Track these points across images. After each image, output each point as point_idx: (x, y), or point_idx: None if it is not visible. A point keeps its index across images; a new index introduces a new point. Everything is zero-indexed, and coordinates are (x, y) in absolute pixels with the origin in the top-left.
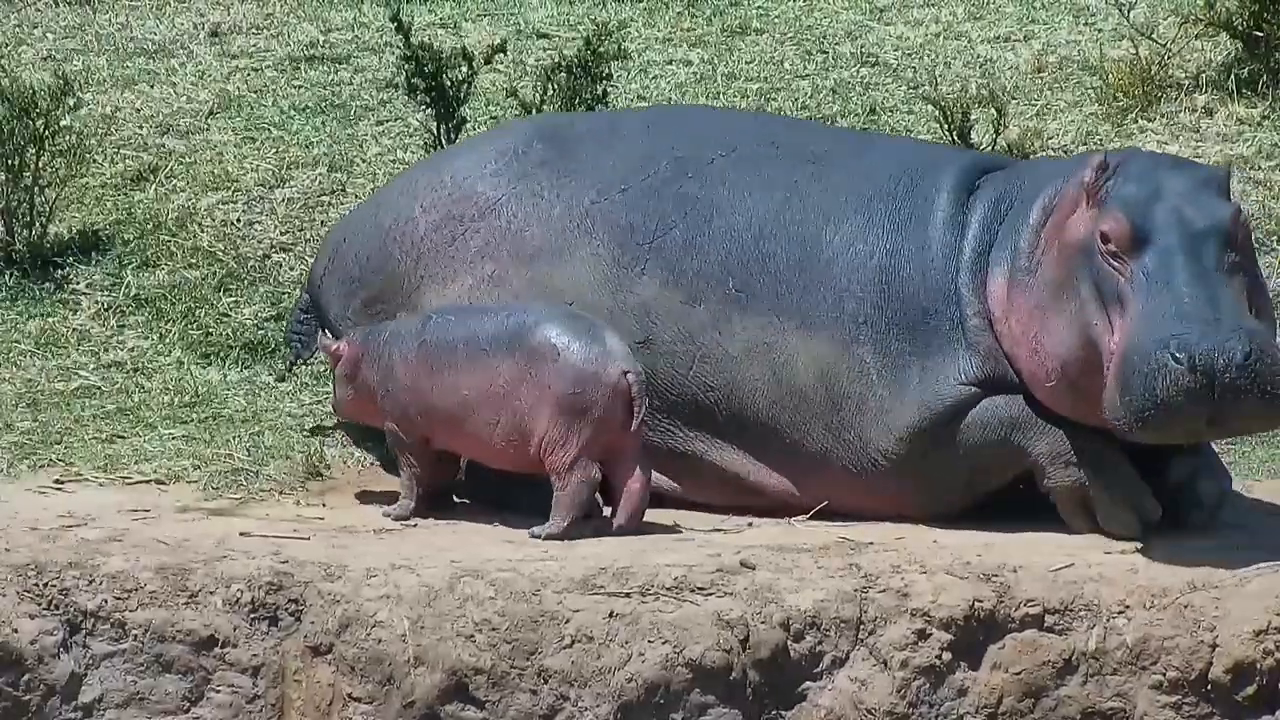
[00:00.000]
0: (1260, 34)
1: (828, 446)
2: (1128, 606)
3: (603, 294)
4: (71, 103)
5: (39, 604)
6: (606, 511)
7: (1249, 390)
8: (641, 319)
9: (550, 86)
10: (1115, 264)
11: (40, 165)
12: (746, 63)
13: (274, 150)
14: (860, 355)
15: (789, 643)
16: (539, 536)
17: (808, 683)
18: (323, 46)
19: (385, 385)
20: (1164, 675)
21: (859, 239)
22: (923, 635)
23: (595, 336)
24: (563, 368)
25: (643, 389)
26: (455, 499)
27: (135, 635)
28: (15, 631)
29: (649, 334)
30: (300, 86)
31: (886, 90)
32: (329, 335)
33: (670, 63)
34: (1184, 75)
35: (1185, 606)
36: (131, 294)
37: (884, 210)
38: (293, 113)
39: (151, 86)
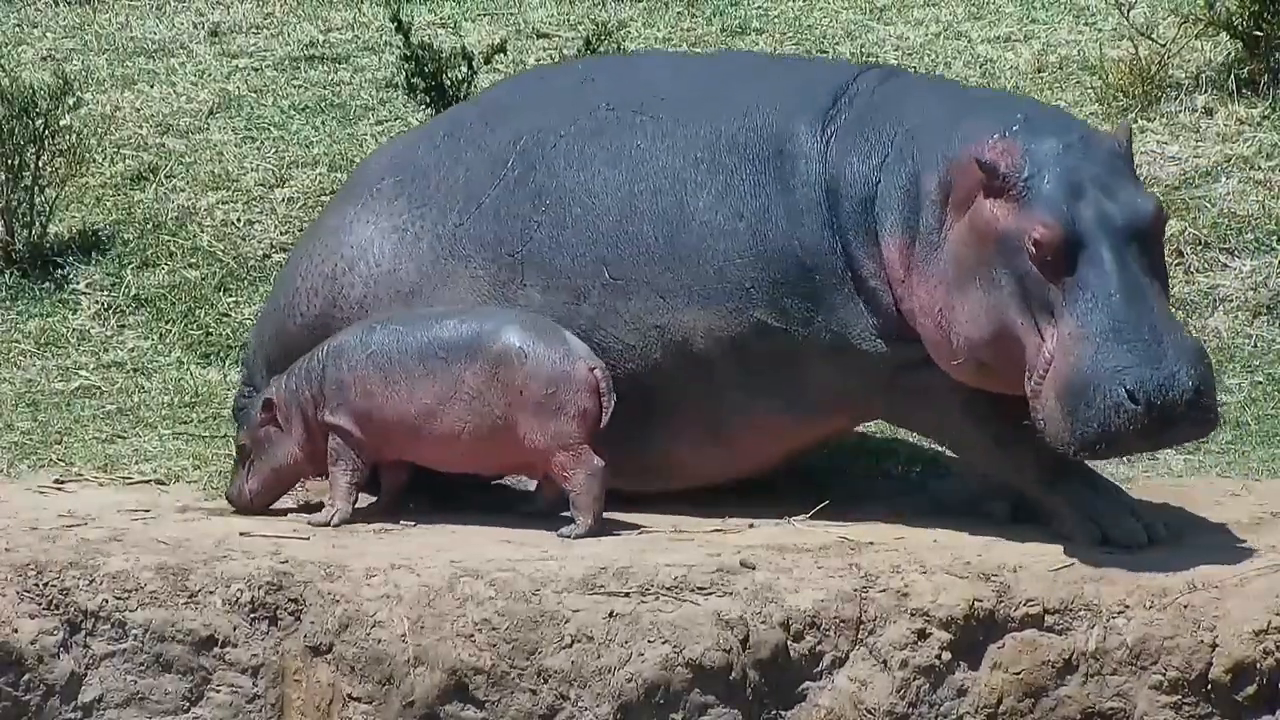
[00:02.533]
0: (1260, 34)
1: (752, 405)
2: (1128, 606)
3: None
4: (71, 102)
5: (39, 604)
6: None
7: (1198, 421)
8: None
9: None
10: (1046, 272)
11: (40, 165)
12: None
13: (274, 150)
14: (758, 317)
15: (789, 643)
16: (569, 537)
17: (808, 683)
18: (323, 46)
19: (334, 401)
20: (1164, 675)
21: (721, 203)
22: (922, 635)
23: (556, 336)
24: (533, 370)
25: (610, 384)
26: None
27: (135, 635)
28: (15, 631)
29: None
30: (300, 86)
31: None
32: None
33: None
34: (1184, 75)
35: (1185, 606)
36: (131, 294)
37: (738, 166)
38: (293, 113)
39: (151, 86)
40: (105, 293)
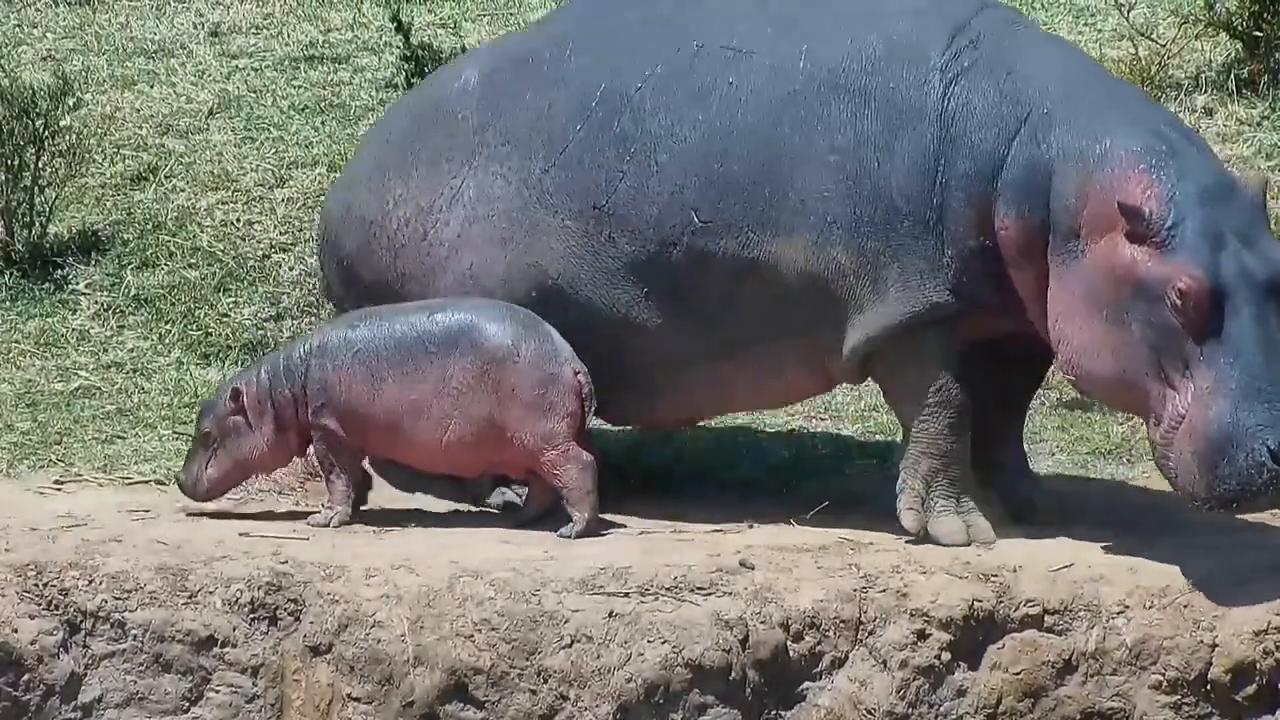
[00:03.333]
0: (1260, 34)
1: (812, 341)
2: (1128, 606)
3: (580, 265)
4: (71, 103)
5: (39, 604)
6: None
7: None
8: (626, 279)
9: None
10: (1185, 323)
11: (40, 165)
12: None
13: (274, 150)
14: (834, 256)
15: (788, 643)
16: (569, 536)
17: (807, 683)
18: (323, 46)
19: (319, 400)
20: (1164, 675)
21: (813, 134)
22: (922, 635)
23: (544, 335)
24: (525, 369)
25: (591, 387)
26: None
27: (135, 635)
28: (15, 631)
29: (641, 290)
30: (300, 86)
31: None
32: (226, 393)
33: None
34: (1184, 75)
35: (1185, 606)
36: (131, 294)
37: (836, 98)
38: (293, 113)
39: (151, 86)
40: (105, 293)
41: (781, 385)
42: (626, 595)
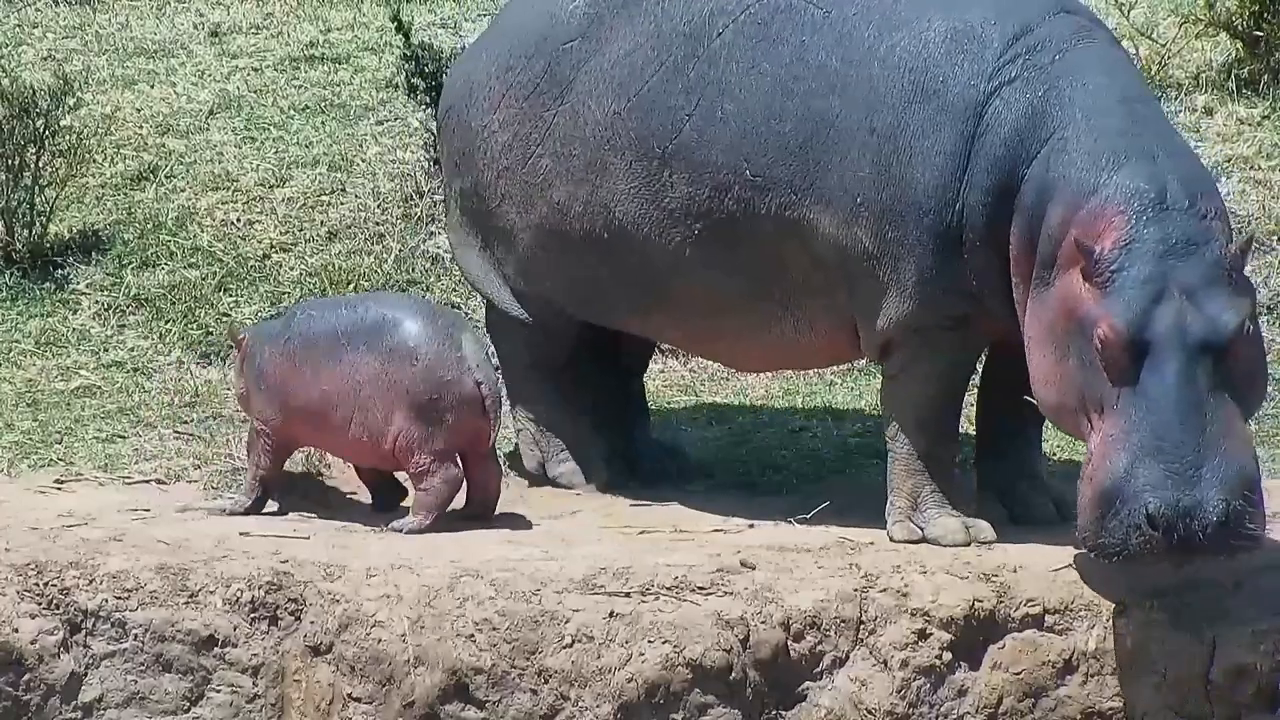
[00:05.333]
0: (1260, 34)
1: (846, 309)
2: (1128, 606)
3: (642, 203)
4: (71, 103)
5: (39, 604)
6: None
7: (1219, 549)
8: (681, 221)
9: None
10: (1106, 369)
11: (40, 165)
12: None
13: (274, 150)
14: (859, 237)
15: (789, 643)
16: (400, 531)
17: (808, 683)
18: (323, 46)
19: (259, 384)
20: (1164, 675)
21: (857, 110)
22: (923, 635)
23: (454, 341)
24: (420, 372)
25: (497, 400)
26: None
27: (135, 635)
28: (15, 631)
29: (693, 232)
30: (300, 86)
31: None
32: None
33: None
34: (1184, 75)
35: (1185, 606)
36: (131, 294)
37: (888, 78)
38: (293, 113)
39: (151, 86)
40: (105, 293)
41: (816, 343)
42: (627, 595)
